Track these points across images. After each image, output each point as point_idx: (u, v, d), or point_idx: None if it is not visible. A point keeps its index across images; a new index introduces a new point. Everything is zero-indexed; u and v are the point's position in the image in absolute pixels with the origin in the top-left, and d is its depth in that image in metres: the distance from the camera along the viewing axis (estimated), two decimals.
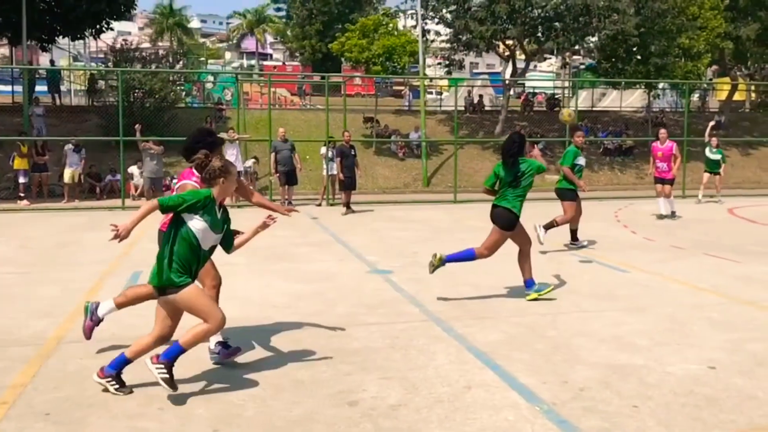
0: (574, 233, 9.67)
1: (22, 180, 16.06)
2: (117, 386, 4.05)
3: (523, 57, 26.58)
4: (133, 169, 17.59)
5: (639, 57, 24.45)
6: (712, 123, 17.93)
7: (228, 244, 4.35)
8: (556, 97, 32.13)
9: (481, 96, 30.49)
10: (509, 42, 25.49)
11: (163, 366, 3.93)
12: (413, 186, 21.17)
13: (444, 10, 24.58)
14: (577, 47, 25.98)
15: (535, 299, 6.40)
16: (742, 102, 34.93)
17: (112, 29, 23.77)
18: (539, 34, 24.18)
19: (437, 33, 26.81)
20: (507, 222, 6.37)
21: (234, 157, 15.64)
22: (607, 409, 3.89)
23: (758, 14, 27.46)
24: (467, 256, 6.48)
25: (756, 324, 5.64)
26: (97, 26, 22.38)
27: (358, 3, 45.90)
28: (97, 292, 6.79)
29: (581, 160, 9.64)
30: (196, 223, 3.95)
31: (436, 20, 25.34)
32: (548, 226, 9.15)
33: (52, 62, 30.36)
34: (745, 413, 3.84)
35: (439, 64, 29.30)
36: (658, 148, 12.79)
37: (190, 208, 3.91)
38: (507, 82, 28.25)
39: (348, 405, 3.98)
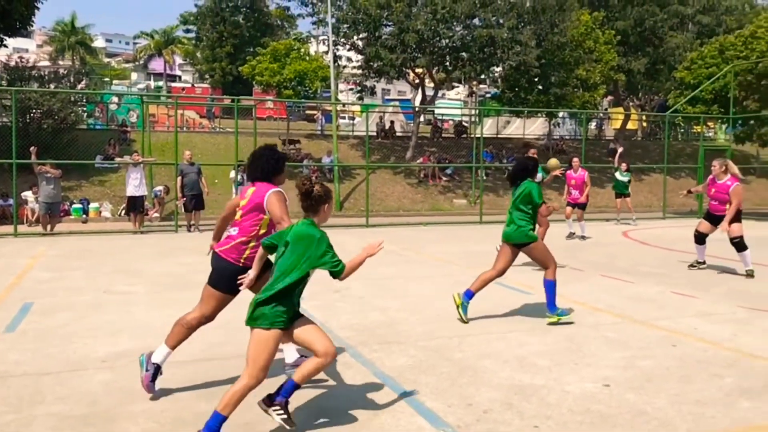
0: None
1: None
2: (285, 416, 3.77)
3: (432, 85, 27.31)
4: (28, 194, 16.64)
5: (540, 87, 25.68)
6: (620, 150, 19.16)
7: None
8: (464, 124, 33.16)
9: (392, 122, 31.04)
10: (419, 70, 26.15)
11: (280, 409, 3.75)
12: None
13: (355, 37, 24.94)
14: (482, 77, 26.99)
15: (456, 306, 6.61)
16: (635, 131, 37.31)
17: (5, 46, 22.51)
18: (447, 64, 24.97)
19: (349, 59, 27.13)
20: (524, 245, 6.65)
21: (138, 181, 15.11)
22: (509, 430, 3.98)
23: (647, 50, 29.60)
24: (551, 289, 6.60)
25: (647, 342, 5.96)
26: None
27: (270, 27, 45.81)
28: None
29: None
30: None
31: (348, 47, 25.67)
32: None
33: None
34: (636, 428, 4.03)
35: (351, 89, 29.63)
36: (572, 176, 13.85)
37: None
38: (417, 108, 28.89)
39: None
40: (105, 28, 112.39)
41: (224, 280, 4.49)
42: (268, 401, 3.78)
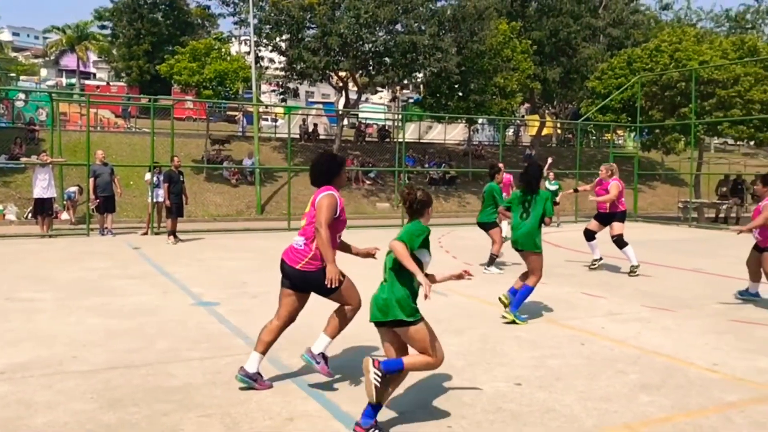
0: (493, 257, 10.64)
1: None
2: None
3: (355, 89, 27.39)
4: None
5: (460, 94, 26.22)
6: (550, 160, 19.74)
7: None
8: (387, 128, 33.41)
9: (315, 125, 30.94)
10: (342, 73, 26.16)
11: (379, 373, 3.91)
12: (246, 213, 20.80)
13: (277, 39, 24.69)
14: (405, 82, 27.31)
15: (503, 307, 6.99)
16: (550, 137, 38.70)
17: None
18: (370, 68, 25.11)
19: (271, 60, 26.83)
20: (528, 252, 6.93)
21: (46, 182, 14.39)
22: (422, 431, 4.04)
23: (561, 59, 30.76)
24: (526, 293, 6.87)
25: (557, 341, 6.19)
26: None
27: (190, 26, 44.57)
28: None
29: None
30: (426, 257, 4.07)
31: (270, 48, 25.38)
32: (491, 262, 10.33)
33: None
34: (545, 425, 4.18)
35: (274, 91, 29.31)
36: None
37: (424, 243, 4.04)
38: (340, 112, 28.90)
39: None
40: (11, 21, 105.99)
41: (326, 287, 4.70)
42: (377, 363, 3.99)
